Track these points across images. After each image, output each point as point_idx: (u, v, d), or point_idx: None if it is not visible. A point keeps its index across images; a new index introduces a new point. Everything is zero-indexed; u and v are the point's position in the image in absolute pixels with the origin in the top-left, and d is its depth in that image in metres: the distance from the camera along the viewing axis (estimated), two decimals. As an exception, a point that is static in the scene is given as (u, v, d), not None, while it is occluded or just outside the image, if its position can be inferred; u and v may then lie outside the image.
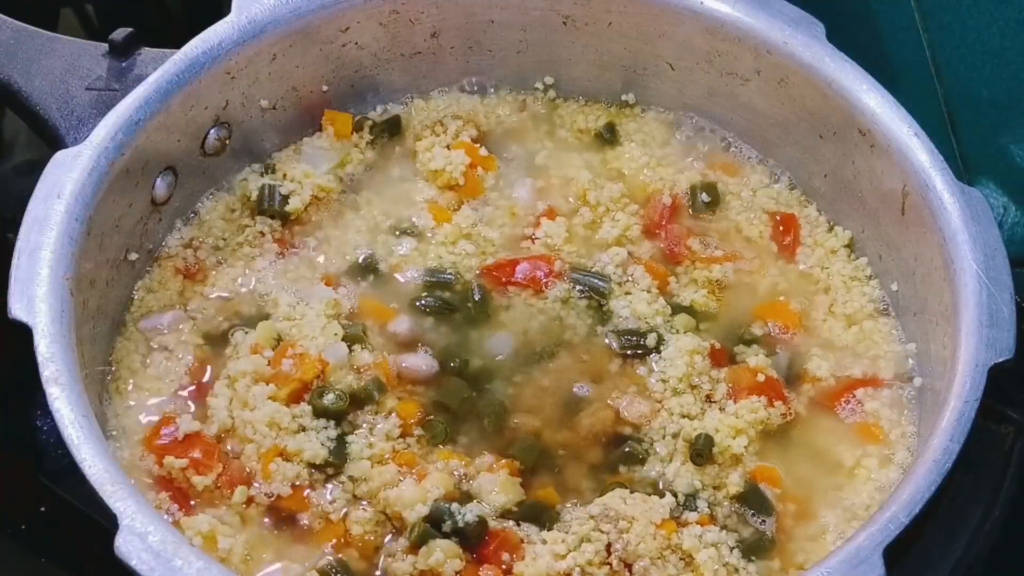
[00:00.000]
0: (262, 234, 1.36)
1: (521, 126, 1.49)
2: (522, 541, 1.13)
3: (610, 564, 1.12)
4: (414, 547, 1.13)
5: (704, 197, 1.40)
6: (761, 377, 1.25)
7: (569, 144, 1.48)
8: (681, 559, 1.13)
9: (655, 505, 1.15)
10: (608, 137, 1.47)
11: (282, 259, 1.35)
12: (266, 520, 1.16)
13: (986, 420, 1.11)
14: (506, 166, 1.45)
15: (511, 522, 1.15)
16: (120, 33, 1.34)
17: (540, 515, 1.17)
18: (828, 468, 1.22)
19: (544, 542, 1.13)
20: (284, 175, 1.39)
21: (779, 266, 1.37)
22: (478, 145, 1.45)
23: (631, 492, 1.17)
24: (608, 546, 1.12)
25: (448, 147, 1.44)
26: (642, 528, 1.13)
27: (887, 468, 1.21)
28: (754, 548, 1.16)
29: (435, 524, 1.13)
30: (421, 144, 1.44)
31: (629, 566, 1.12)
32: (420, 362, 1.27)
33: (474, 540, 1.13)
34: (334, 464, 1.18)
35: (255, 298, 1.32)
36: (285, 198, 1.37)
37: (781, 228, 1.39)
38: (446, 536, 1.13)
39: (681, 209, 1.41)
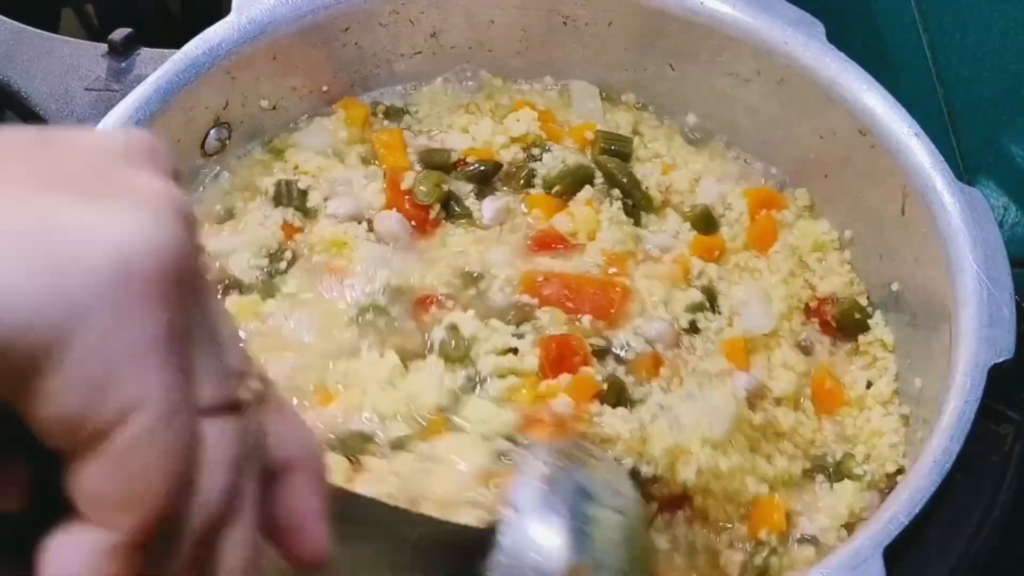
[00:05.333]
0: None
1: (521, 126, 1.49)
2: None
3: None
4: None
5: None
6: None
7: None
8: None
9: None
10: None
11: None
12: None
13: (986, 420, 1.11)
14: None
15: None
16: (119, 33, 1.34)
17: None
18: (828, 468, 1.22)
19: None
20: (296, 166, 1.37)
21: (770, 268, 1.36)
22: (478, 146, 1.45)
23: None
24: None
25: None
26: None
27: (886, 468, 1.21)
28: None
29: None
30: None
31: None
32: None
33: None
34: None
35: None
36: (304, 193, 1.33)
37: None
38: None
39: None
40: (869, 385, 1.27)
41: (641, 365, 1.19)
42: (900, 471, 1.20)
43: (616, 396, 1.16)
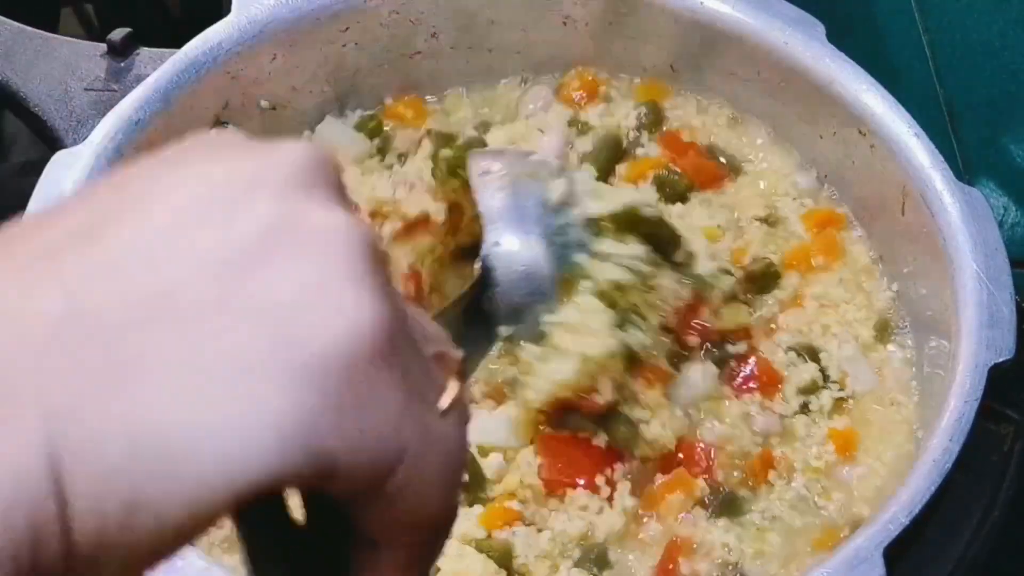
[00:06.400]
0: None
1: (521, 127, 1.49)
2: None
3: None
4: None
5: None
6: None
7: (569, 144, 1.48)
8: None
9: None
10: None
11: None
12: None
13: (986, 420, 1.11)
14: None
15: None
16: (118, 33, 1.34)
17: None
18: (828, 468, 1.22)
19: None
20: None
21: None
22: (478, 147, 1.45)
23: None
24: None
25: (449, 148, 1.43)
26: None
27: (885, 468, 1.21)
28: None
29: None
30: (421, 147, 1.44)
31: None
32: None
33: None
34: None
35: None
36: None
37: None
38: None
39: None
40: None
41: (748, 468, 1.16)
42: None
43: (727, 510, 1.12)
